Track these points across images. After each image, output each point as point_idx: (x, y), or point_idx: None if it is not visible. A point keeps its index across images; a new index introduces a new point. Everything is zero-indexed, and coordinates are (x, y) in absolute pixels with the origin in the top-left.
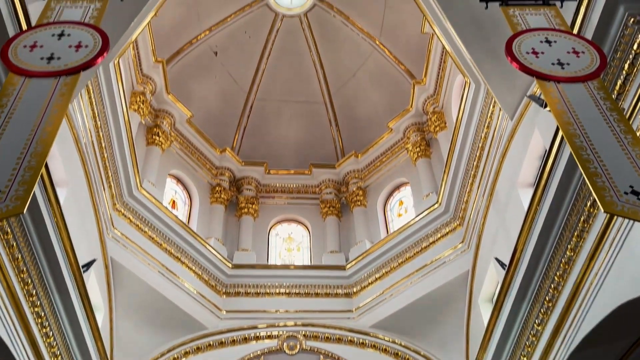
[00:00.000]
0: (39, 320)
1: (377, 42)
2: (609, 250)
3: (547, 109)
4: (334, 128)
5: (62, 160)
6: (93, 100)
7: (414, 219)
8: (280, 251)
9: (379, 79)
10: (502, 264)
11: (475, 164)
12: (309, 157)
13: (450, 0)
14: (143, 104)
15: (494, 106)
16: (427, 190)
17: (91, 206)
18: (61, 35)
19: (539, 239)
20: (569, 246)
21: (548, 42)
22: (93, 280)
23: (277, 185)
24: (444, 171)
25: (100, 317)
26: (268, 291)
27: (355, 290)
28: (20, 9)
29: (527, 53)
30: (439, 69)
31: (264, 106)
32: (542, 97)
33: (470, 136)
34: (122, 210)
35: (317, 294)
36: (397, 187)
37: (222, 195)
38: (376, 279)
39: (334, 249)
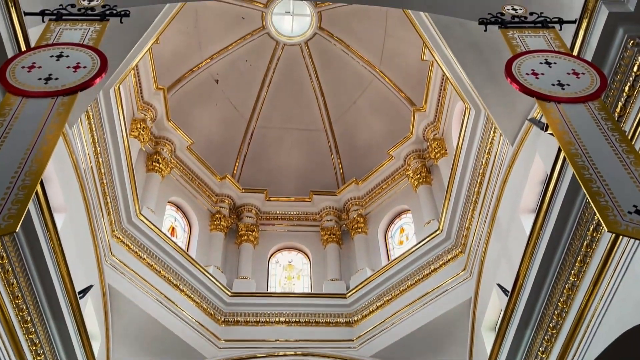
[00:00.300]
0: (34, 348)
1: (377, 70)
2: (613, 275)
3: (548, 131)
4: (334, 155)
5: (60, 186)
6: (93, 126)
7: (415, 246)
8: (280, 279)
9: (379, 106)
10: (504, 290)
11: (476, 190)
12: (309, 184)
13: (449, 26)
14: (143, 130)
15: (494, 132)
16: (428, 217)
17: (89, 232)
18: (60, 56)
19: (541, 265)
20: (572, 272)
21: (548, 63)
22: (90, 308)
23: (278, 212)
24: (445, 198)
25: (97, 345)
26: (268, 320)
27: (356, 318)
28: (19, 31)
29: (527, 74)
30: (439, 96)
31: (264, 133)
32: (543, 118)
33: (470, 162)
34: (121, 237)
35: (317, 323)
36: (398, 214)
37: (221, 223)
38: (377, 308)
39: (334, 277)
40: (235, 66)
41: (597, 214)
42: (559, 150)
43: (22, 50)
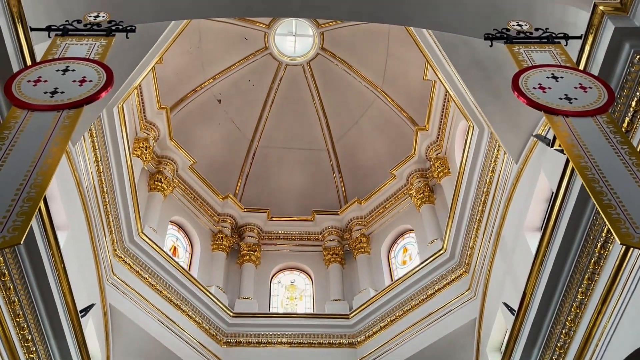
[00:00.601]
0: None
1: (380, 90)
2: (622, 293)
3: (554, 147)
4: (336, 175)
5: (63, 203)
6: (96, 144)
7: (418, 265)
8: (282, 300)
9: (382, 126)
10: (510, 309)
11: (480, 209)
12: (311, 204)
13: (453, 44)
14: (146, 149)
15: (498, 150)
16: (431, 237)
17: (91, 251)
18: (65, 70)
19: (548, 283)
20: (579, 289)
21: (554, 77)
22: (91, 327)
23: (280, 232)
24: (449, 217)
25: None
26: (270, 341)
27: (359, 339)
28: (25, 47)
29: (534, 88)
30: (442, 115)
31: (266, 153)
32: (551, 132)
33: (474, 181)
34: (122, 256)
35: (320, 344)
36: (401, 234)
37: (223, 242)
38: (381, 328)
39: (337, 297)
40: (237, 86)
41: (609, 227)
42: (565, 167)
43: (28, 65)
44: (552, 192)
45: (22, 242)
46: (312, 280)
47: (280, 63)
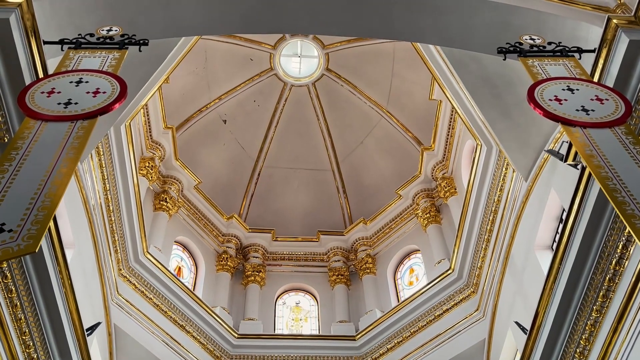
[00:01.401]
0: None
1: (385, 110)
2: (639, 310)
3: (568, 162)
4: (341, 195)
5: (70, 221)
6: (103, 162)
7: (426, 286)
8: (287, 321)
9: (387, 146)
10: (522, 329)
11: (488, 228)
12: (316, 224)
13: (462, 61)
14: (152, 169)
15: (506, 168)
16: (438, 257)
17: (97, 270)
18: (79, 82)
19: (562, 301)
20: (594, 307)
21: (570, 90)
22: (95, 348)
23: (285, 252)
24: (457, 236)
25: None
26: None
27: None
28: (38, 60)
29: (550, 100)
30: (448, 135)
31: (271, 174)
32: (562, 149)
33: (482, 200)
34: (127, 276)
35: None
36: (408, 255)
37: (228, 263)
38: (388, 350)
39: (343, 319)
40: (243, 107)
41: (635, 237)
42: (579, 183)
43: (41, 77)
44: (563, 210)
45: (36, 251)
46: (317, 302)
47: (285, 84)
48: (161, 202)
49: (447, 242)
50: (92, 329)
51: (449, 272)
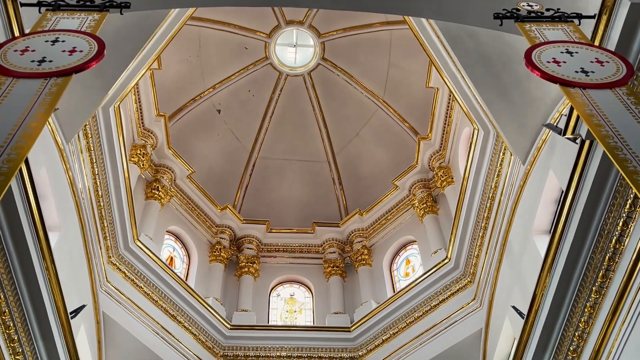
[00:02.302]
0: None
1: (381, 100)
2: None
3: (567, 136)
4: (337, 187)
5: (55, 203)
6: (91, 145)
7: (422, 276)
8: (281, 313)
9: (383, 137)
10: (520, 313)
11: (485, 215)
12: (311, 216)
13: (458, 38)
14: (143, 157)
15: (504, 153)
16: (435, 248)
17: (84, 255)
18: (55, 41)
19: (560, 281)
20: (593, 288)
21: (569, 52)
22: (82, 335)
23: (279, 244)
24: (453, 224)
25: None
26: (268, 354)
27: (361, 353)
28: (15, 21)
29: (548, 62)
30: (445, 123)
31: (266, 165)
32: (560, 124)
33: (479, 187)
34: (117, 264)
35: (320, 358)
36: (404, 246)
37: (221, 254)
38: (383, 341)
39: (338, 310)
40: (237, 96)
41: (637, 193)
42: (577, 157)
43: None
44: (562, 192)
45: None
46: (312, 294)
47: (280, 73)
48: (153, 191)
49: (443, 233)
50: (77, 311)
51: (446, 261)
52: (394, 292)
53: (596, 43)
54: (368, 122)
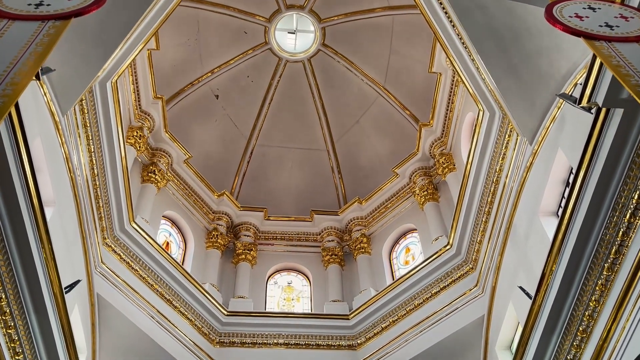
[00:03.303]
0: (12, 345)
1: (382, 88)
2: None
3: (581, 105)
4: (336, 176)
5: (50, 177)
6: (87, 121)
7: (422, 263)
8: (278, 300)
9: (384, 125)
10: (527, 294)
11: (489, 200)
12: (310, 205)
13: (468, 10)
14: (140, 139)
15: (509, 135)
16: (435, 235)
17: (79, 234)
18: None
19: (571, 258)
20: (605, 265)
21: (591, 8)
22: (76, 316)
23: (277, 232)
24: (455, 210)
25: (83, 359)
26: (265, 341)
27: (359, 341)
28: None
29: (570, 17)
30: (447, 109)
31: (265, 152)
32: (575, 93)
33: (483, 170)
34: (112, 246)
35: (318, 346)
36: (404, 234)
37: (218, 240)
38: (382, 329)
39: (336, 298)
40: (236, 82)
41: None
42: (593, 126)
43: None
44: (571, 171)
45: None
46: (310, 282)
47: (280, 59)
48: (149, 174)
49: (444, 220)
50: (71, 286)
51: (447, 247)
52: (394, 280)
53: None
54: (368, 109)
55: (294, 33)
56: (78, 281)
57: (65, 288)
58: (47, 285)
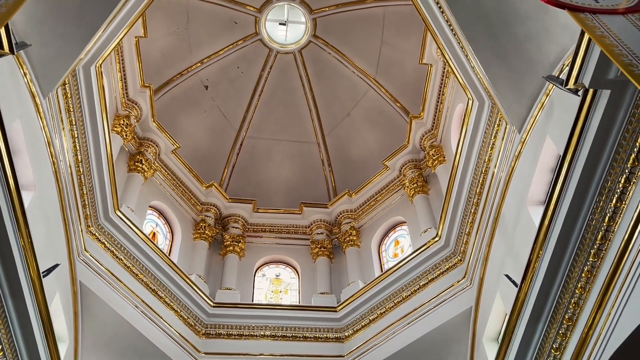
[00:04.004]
0: None
1: (373, 80)
2: None
3: (568, 87)
4: (326, 168)
5: (30, 161)
6: (70, 105)
7: (411, 255)
8: (266, 293)
9: (374, 117)
10: (513, 282)
11: (477, 190)
12: (299, 197)
13: None
14: (127, 127)
15: (498, 125)
16: (425, 227)
17: (61, 220)
18: None
19: (557, 245)
20: (592, 251)
21: None
22: (57, 304)
23: (266, 224)
24: (444, 201)
25: (64, 349)
26: (252, 333)
27: (347, 334)
28: None
29: None
30: (437, 101)
31: (254, 144)
32: (562, 75)
33: (472, 161)
34: (96, 234)
35: (305, 338)
36: (393, 227)
37: (206, 232)
38: (370, 322)
39: (324, 291)
40: (226, 72)
41: None
42: (580, 107)
43: None
44: (559, 158)
45: None
46: (298, 275)
47: (270, 50)
48: (136, 164)
49: (434, 213)
50: (49, 270)
51: (436, 239)
52: (382, 272)
53: None
54: (359, 102)
55: (284, 24)
56: (57, 265)
57: (43, 272)
58: (24, 268)
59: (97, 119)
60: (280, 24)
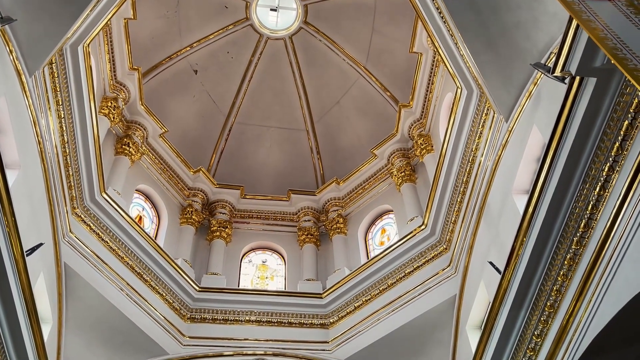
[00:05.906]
0: None
1: (363, 68)
2: (622, 237)
3: (554, 74)
4: (315, 156)
5: (15, 140)
6: (57, 85)
7: (397, 242)
8: (252, 279)
9: (364, 106)
10: (497, 269)
11: (464, 179)
12: (287, 184)
13: None
14: (114, 110)
15: (486, 114)
16: (411, 216)
17: (46, 202)
18: None
19: (540, 232)
20: (574, 239)
21: None
22: (41, 285)
23: (253, 210)
24: (431, 189)
25: (47, 330)
26: (237, 318)
27: (332, 320)
28: None
29: None
30: (427, 90)
31: (243, 130)
32: (549, 62)
33: (460, 150)
34: (82, 216)
35: (290, 323)
36: (380, 215)
37: (193, 217)
38: (355, 308)
39: (310, 277)
40: (215, 57)
41: (636, 86)
42: (567, 93)
43: None
44: (545, 146)
45: None
46: (284, 261)
47: (261, 36)
48: (123, 147)
49: (421, 201)
50: (33, 249)
51: (422, 227)
52: (368, 260)
53: None
54: (349, 90)
55: (275, 10)
56: (41, 244)
57: (26, 251)
58: (7, 247)
59: (84, 100)
60: (271, 9)
